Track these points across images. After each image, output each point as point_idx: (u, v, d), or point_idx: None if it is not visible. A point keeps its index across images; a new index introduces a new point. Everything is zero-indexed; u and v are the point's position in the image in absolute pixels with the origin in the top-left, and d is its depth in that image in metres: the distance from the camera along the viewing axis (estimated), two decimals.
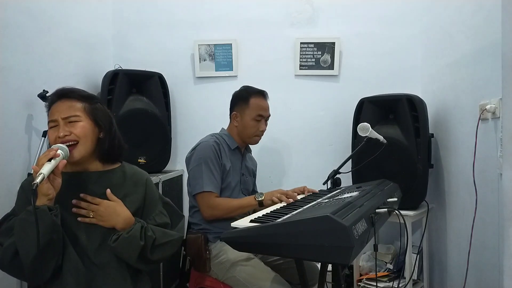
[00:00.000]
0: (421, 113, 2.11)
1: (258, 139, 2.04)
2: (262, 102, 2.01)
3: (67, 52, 2.20)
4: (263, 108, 2.01)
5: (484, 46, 1.73)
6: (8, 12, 1.76)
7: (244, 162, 2.06)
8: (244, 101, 1.99)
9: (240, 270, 1.72)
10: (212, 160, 1.84)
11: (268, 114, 2.04)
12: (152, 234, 1.30)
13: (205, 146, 1.88)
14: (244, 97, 2.01)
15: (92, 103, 1.33)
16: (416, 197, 2.14)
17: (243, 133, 2.00)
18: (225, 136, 2.01)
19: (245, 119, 1.98)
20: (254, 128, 1.98)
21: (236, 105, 2.02)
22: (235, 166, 1.98)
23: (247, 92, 2.02)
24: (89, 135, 1.29)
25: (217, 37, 2.72)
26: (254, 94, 2.01)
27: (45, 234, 1.12)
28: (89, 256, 1.26)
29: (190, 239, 1.82)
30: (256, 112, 1.98)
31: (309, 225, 1.03)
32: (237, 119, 2.00)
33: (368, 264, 2.36)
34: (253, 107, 1.98)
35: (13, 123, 1.78)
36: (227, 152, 1.96)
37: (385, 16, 2.63)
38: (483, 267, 1.71)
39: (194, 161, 1.86)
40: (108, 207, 1.28)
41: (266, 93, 2.06)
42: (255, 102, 1.99)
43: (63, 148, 1.20)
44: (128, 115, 2.34)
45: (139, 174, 1.43)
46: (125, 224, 1.27)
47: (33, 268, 1.14)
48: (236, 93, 2.07)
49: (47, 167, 1.12)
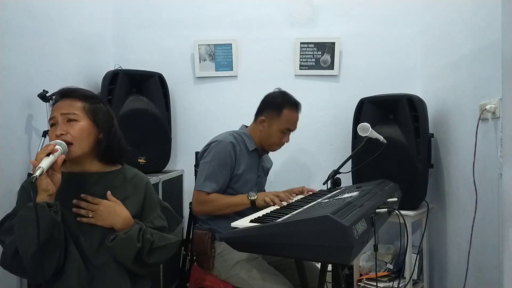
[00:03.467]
0: (421, 113, 2.11)
1: (277, 149, 1.98)
2: (294, 116, 1.92)
3: (67, 52, 2.20)
4: (294, 122, 1.93)
5: (484, 46, 1.73)
6: (8, 12, 1.76)
7: (261, 163, 2.01)
8: (277, 110, 1.89)
9: (243, 269, 1.71)
10: (221, 161, 1.79)
11: (295, 128, 1.95)
12: (150, 237, 1.30)
13: (221, 146, 1.82)
14: (277, 104, 1.90)
15: (93, 102, 1.32)
16: (416, 197, 2.14)
17: (266, 140, 1.92)
18: (245, 136, 1.93)
19: (272, 128, 1.89)
20: (278, 139, 1.91)
21: (267, 110, 1.92)
22: (252, 168, 1.92)
23: (283, 100, 1.91)
24: (86, 136, 1.28)
25: (217, 37, 2.72)
26: (289, 105, 1.90)
27: (45, 230, 1.12)
28: (88, 257, 1.26)
29: (197, 234, 1.81)
30: (286, 125, 1.90)
31: (309, 225, 1.03)
32: (264, 124, 1.91)
33: (368, 264, 2.36)
34: (284, 119, 1.89)
35: (13, 123, 1.78)
36: (245, 153, 1.89)
37: (385, 16, 2.64)
38: (483, 267, 1.71)
39: (205, 157, 1.83)
40: (108, 206, 1.27)
41: (300, 106, 1.95)
42: (287, 114, 1.89)
43: (61, 144, 1.19)
44: (128, 115, 2.34)
45: (140, 177, 1.43)
46: (124, 224, 1.27)
47: (33, 265, 1.14)
48: (270, 98, 1.95)
49: (46, 161, 1.11)
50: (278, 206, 1.60)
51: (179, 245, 1.48)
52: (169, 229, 1.42)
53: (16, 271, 1.24)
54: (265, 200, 1.68)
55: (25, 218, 1.12)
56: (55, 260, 1.19)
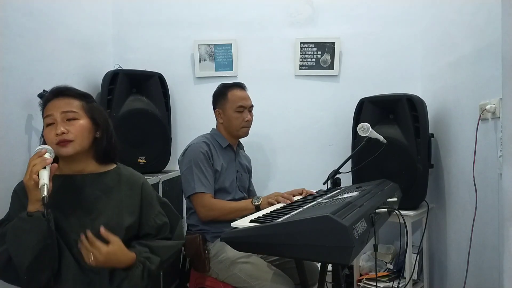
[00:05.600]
0: (421, 113, 2.11)
1: (246, 130, 2.03)
2: (240, 93, 2.01)
3: (67, 52, 2.20)
4: (243, 98, 2.00)
5: (484, 46, 1.72)
6: (8, 12, 1.75)
7: (237, 159, 2.07)
8: (223, 96, 2.01)
9: (240, 268, 1.72)
10: (202, 161, 1.85)
11: (249, 103, 2.03)
12: (155, 261, 1.32)
13: (194, 148, 1.89)
14: (222, 92, 2.02)
15: (89, 101, 1.33)
16: (416, 197, 2.14)
17: (230, 127, 2.00)
18: (215, 135, 2.02)
19: (227, 113, 1.98)
20: (238, 119, 1.98)
21: (217, 103, 2.04)
22: (229, 164, 1.99)
23: (224, 87, 2.04)
24: (87, 135, 1.28)
25: (217, 37, 2.72)
26: (231, 87, 2.02)
27: (41, 240, 1.11)
28: (84, 260, 1.23)
29: (188, 240, 1.82)
30: (236, 103, 1.98)
31: (309, 225, 1.03)
32: (221, 115, 2.01)
33: (368, 264, 2.36)
34: (232, 99, 1.98)
35: (13, 123, 1.78)
36: (219, 152, 1.96)
37: (385, 16, 2.63)
38: (483, 267, 1.71)
39: (185, 164, 1.87)
40: (108, 254, 1.21)
41: (243, 84, 2.06)
42: (233, 94, 1.99)
43: (49, 150, 1.18)
44: (128, 115, 2.34)
45: (135, 177, 1.42)
46: (126, 265, 1.27)
47: (29, 275, 1.13)
48: (215, 91, 2.08)
49: (46, 176, 1.10)
50: (284, 204, 1.62)
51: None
52: (170, 227, 1.42)
53: (9, 279, 1.21)
54: (269, 202, 1.70)
55: (20, 229, 1.11)
56: (50, 267, 1.18)
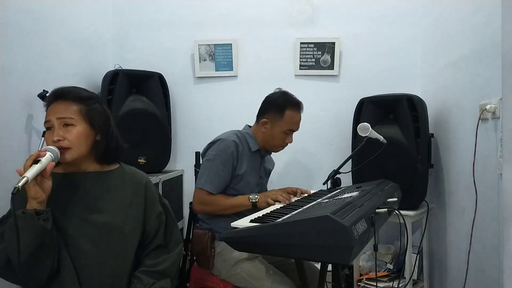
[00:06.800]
0: (421, 113, 2.11)
1: (280, 150, 1.96)
2: (297, 116, 1.89)
3: (67, 52, 2.20)
4: (297, 123, 1.90)
5: (484, 46, 1.73)
6: (8, 12, 1.76)
7: (263, 164, 1.99)
8: (279, 111, 1.86)
9: (244, 268, 1.71)
10: (223, 161, 1.78)
11: (298, 128, 1.93)
12: (167, 284, 1.36)
13: (223, 144, 1.80)
14: (279, 106, 1.87)
15: (88, 104, 1.29)
16: (416, 197, 2.14)
17: (269, 142, 1.90)
18: (248, 136, 1.91)
19: (275, 130, 1.87)
20: (281, 140, 1.89)
21: (269, 112, 1.89)
22: (254, 168, 1.90)
23: (285, 101, 1.88)
24: (84, 141, 1.26)
25: (217, 37, 2.72)
26: (291, 106, 1.87)
27: (35, 238, 1.11)
28: (84, 259, 1.24)
29: (196, 234, 1.81)
30: (289, 126, 1.87)
31: (309, 225, 1.03)
32: (267, 126, 1.88)
33: (368, 264, 2.36)
34: (286, 120, 1.86)
35: (13, 123, 1.78)
36: (246, 154, 1.87)
37: (385, 16, 2.63)
38: (483, 267, 1.71)
39: (208, 154, 1.82)
40: None
41: (302, 105, 1.93)
42: (290, 115, 1.86)
43: (52, 150, 1.17)
44: (128, 115, 2.34)
45: (138, 176, 1.42)
46: None
47: (25, 272, 1.13)
48: (272, 99, 1.92)
49: (32, 171, 1.09)
50: (282, 204, 1.61)
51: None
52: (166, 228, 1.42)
53: (9, 278, 1.21)
54: (267, 202, 1.69)
55: (15, 226, 1.10)
56: (48, 265, 1.17)
